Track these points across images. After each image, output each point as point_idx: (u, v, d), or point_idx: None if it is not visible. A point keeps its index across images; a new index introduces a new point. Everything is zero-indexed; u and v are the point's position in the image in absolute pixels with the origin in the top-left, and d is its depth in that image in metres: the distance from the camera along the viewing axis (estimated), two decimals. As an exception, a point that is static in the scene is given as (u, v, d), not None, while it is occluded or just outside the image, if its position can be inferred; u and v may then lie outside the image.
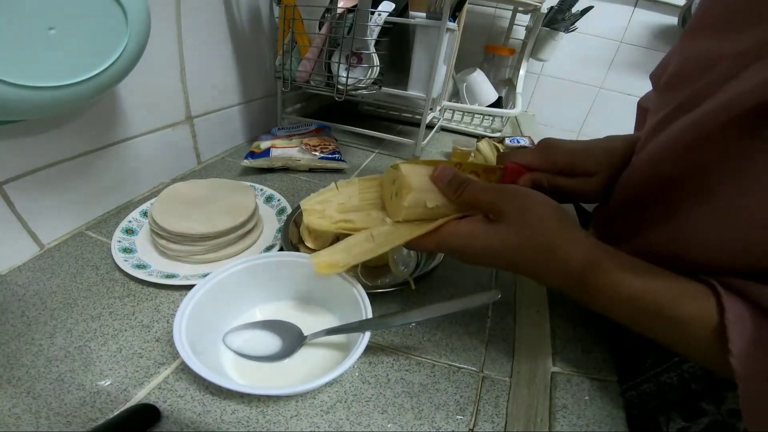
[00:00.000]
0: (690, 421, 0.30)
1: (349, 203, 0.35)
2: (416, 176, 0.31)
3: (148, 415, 0.28)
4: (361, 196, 0.36)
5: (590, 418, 0.27)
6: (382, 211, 0.35)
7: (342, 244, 0.33)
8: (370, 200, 0.36)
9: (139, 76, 0.39)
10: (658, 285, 0.25)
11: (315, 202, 0.35)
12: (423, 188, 0.31)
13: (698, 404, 0.30)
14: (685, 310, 0.23)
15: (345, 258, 0.32)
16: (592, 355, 0.32)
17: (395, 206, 0.32)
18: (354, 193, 0.36)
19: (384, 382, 0.33)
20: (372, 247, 0.32)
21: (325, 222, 0.34)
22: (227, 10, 0.60)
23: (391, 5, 0.61)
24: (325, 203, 0.35)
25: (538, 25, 1.04)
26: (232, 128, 0.71)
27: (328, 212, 0.35)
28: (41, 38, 0.28)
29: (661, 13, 1.15)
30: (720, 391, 0.29)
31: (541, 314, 0.37)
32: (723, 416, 0.29)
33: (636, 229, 0.32)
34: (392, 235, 0.32)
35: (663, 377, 0.31)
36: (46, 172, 0.40)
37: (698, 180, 0.26)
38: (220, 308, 0.34)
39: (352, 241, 0.33)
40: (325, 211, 0.35)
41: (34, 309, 0.35)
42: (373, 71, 0.62)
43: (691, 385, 0.30)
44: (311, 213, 0.35)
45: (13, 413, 0.27)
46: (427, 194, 0.31)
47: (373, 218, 0.35)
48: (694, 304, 0.23)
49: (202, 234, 0.41)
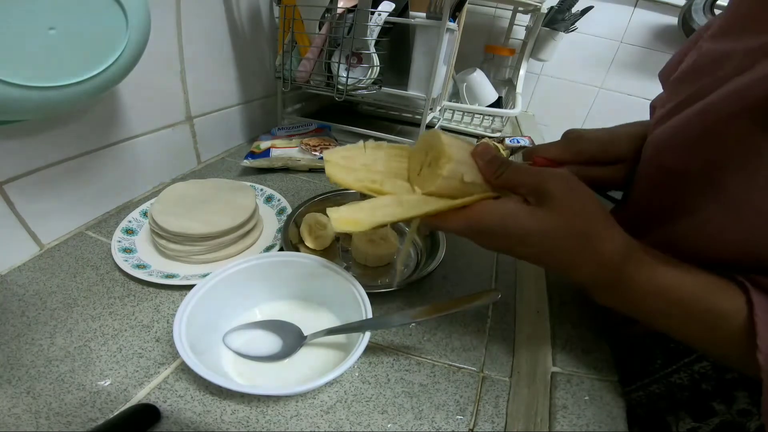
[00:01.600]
0: (700, 421, 0.30)
1: (374, 166, 0.32)
2: (456, 148, 0.29)
3: (148, 415, 0.28)
4: (386, 163, 0.33)
5: (590, 418, 0.27)
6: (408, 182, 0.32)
7: (367, 203, 0.30)
8: (396, 169, 0.33)
9: (139, 76, 0.39)
10: (694, 278, 0.25)
11: (340, 156, 0.32)
12: (462, 161, 0.29)
13: (709, 404, 0.30)
14: (719, 304, 0.23)
15: (369, 217, 0.29)
16: (592, 355, 0.32)
17: (428, 176, 0.30)
18: (381, 157, 0.33)
19: (384, 382, 0.32)
20: (400, 211, 0.29)
21: (349, 177, 0.31)
22: (227, 10, 0.60)
23: (391, 5, 0.61)
24: (349, 159, 0.32)
25: (538, 25, 1.04)
26: (232, 128, 0.71)
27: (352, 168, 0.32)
28: (41, 38, 0.28)
29: (661, 13, 1.15)
30: (731, 391, 0.29)
31: (541, 314, 0.37)
32: (733, 416, 0.28)
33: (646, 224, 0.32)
34: (422, 203, 0.29)
35: (673, 378, 0.31)
36: (46, 172, 0.40)
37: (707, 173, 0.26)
38: (220, 308, 0.34)
39: (378, 203, 0.30)
40: (349, 167, 0.32)
41: (34, 309, 0.35)
42: (373, 71, 0.62)
43: (701, 385, 0.30)
44: (334, 166, 0.31)
45: (13, 413, 0.27)
46: (466, 167, 0.29)
47: (399, 186, 0.32)
48: (725, 297, 0.23)
49: (202, 234, 0.41)
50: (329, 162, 0.31)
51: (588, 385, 0.30)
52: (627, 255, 0.26)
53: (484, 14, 1.25)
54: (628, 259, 0.26)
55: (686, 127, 0.27)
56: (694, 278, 0.25)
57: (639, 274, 0.25)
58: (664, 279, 0.25)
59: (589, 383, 0.30)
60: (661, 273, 0.25)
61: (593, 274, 0.27)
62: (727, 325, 0.23)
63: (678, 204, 0.28)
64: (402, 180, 0.32)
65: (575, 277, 0.28)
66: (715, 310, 0.23)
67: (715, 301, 0.23)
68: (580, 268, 0.27)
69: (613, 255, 0.26)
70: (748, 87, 0.23)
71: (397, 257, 0.39)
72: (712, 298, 0.24)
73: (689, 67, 0.33)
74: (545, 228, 0.26)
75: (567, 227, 0.26)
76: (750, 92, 0.23)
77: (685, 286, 0.24)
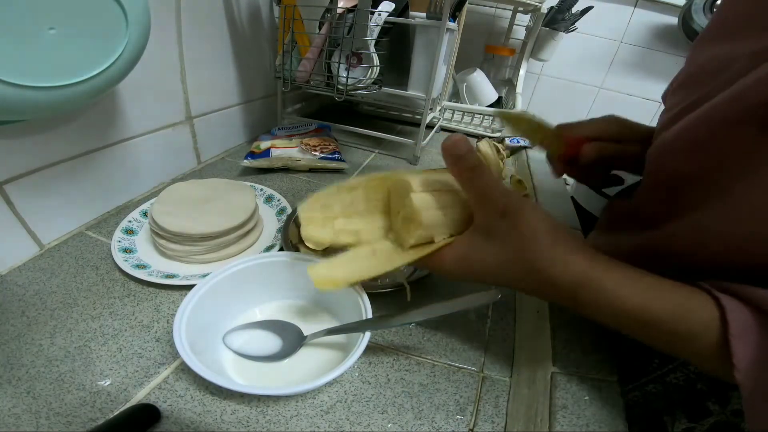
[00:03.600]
0: (695, 421, 0.30)
1: (354, 206, 0.33)
2: (427, 209, 0.29)
3: (148, 415, 0.28)
4: (365, 199, 0.33)
5: (590, 418, 0.27)
6: (387, 217, 0.33)
7: (343, 258, 0.31)
8: (377, 200, 0.33)
9: (139, 76, 0.39)
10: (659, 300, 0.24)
11: (315, 207, 0.33)
12: (433, 224, 0.29)
13: (704, 404, 0.30)
14: (687, 325, 0.23)
15: (345, 275, 0.31)
16: (592, 355, 0.32)
17: (402, 231, 0.31)
18: (359, 196, 0.33)
19: (384, 382, 0.32)
20: (375, 264, 0.31)
21: (325, 233, 0.32)
22: (227, 10, 0.60)
23: (391, 5, 0.61)
24: (326, 209, 0.33)
25: (538, 25, 1.04)
26: (232, 128, 0.71)
27: (330, 218, 0.33)
28: (41, 38, 0.28)
29: (661, 13, 1.15)
30: (726, 392, 0.29)
31: (541, 314, 0.37)
32: (728, 416, 0.28)
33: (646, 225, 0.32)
34: (395, 254, 0.31)
35: (669, 377, 0.31)
36: (46, 172, 0.40)
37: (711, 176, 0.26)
38: (220, 308, 0.34)
39: (353, 256, 0.32)
40: (327, 218, 0.33)
41: (34, 309, 0.35)
42: (373, 71, 0.62)
43: (696, 385, 0.30)
44: (310, 221, 0.32)
45: (13, 413, 0.27)
46: (438, 229, 0.29)
47: (377, 227, 0.33)
48: (696, 317, 0.23)
49: (202, 234, 0.41)
50: (305, 218, 0.32)
51: (588, 385, 0.30)
52: (582, 283, 0.25)
53: (484, 14, 1.25)
54: (584, 285, 0.25)
55: (691, 130, 0.27)
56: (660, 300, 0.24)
57: (598, 300, 0.25)
58: (629, 303, 0.24)
59: (589, 383, 0.30)
60: (622, 297, 0.24)
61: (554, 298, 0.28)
62: (699, 345, 0.23)
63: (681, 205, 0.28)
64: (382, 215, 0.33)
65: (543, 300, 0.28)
66: (684, 332, 0.23)
67: (685, 322, 0.23)
68: (540, 293, 0.28)
69: (565, 284, 0.26)
70: (750, 89, 0.23)
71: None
72: (680, 320, 0.23)
73: (688, 77, 0.33)
74: (499, 260, 0.27)
75: (515, 259, 0.27)
76: (752, 95, 0.22)
77: (652, 310, 0.24)
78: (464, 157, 0.27)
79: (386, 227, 0.33)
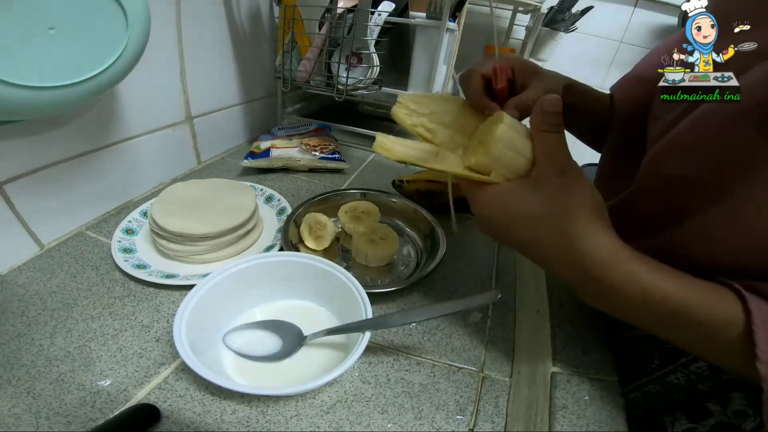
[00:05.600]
0: (696, 422, 0.30)
1: (441, 117, 0.34)
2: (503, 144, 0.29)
3: (148, 415, 0.28)
4: (456, 115, 0.35)
5: (590, 418, 0.27)
6: (466, 139, 0.34)
7: (411, 141, 0.33)
8: (464, 123, 0.35)
9: (139, 76, 0.39)
10: (688, 288, 0.24)
11: (411, 99, 0.34)
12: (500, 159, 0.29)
13: (704, 405, 0.30)
14: (713, 314, 0.23)
15: (402, 151, 0.32)
16: (592, 355, 0.32)
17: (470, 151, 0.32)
18: (451, 109, 0.35)
19: (384, 382, 0.33)
20: (431, 160, 0.32)
21: (409, 120, 0.34)
22: (227, 10, 0.60)
23: (391, 5, 0.61)
24: (420, 105, 0.34)
25: (538, 25, 1.04)
26: (232, 128, 0.71)
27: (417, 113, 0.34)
28: (41, 38, 0.28)
29: (661, 13, 1.15)
30: (726, 392, 0.29)
31: (541, 314, 0.37)
32: (729, 417, 0.28)
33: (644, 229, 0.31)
34: (453, 164, 0.32)
35: (670, 378, 0.31)
36: (46, 172, 0.40)
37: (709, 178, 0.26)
38: (220, 308, 0.34)
39: (419, 145, 0.33)
40: (415, 111, 0.34)
41: (34, 309, 0.35)
42: (373, 71, 0.62)
43: (697, 386, 0.30)
44: (402, 105, 0.34)
45: (13, 413, 0.27)
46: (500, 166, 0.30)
47: (453, 141, 0.34)
48: (721, 307, 0.23)
49: (202, 234, 0.41)
50: (400, 102, 0.34)
51: (588, 385, 0.30)
52: (612, 262, 0.25)
53: (484, 14, 1.25)
54: (614, 266, 0.25)
55: (687, 133, 0.27)
56: (688, 288, 0.24)
57: (627, 282, 0.24)
58: (655, 290, 0.24)
59: (589, 383, 0.30)
60: (651, 284, 0.24)
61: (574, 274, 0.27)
62: (725, 335, 0.22)
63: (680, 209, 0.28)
64: (462, 136, 0.34)
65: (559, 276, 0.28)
66: (711, 321, 0.23)
67: (711, 312, 0.23)
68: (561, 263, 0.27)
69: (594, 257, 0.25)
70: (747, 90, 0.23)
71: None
72: (707, 309, 0.23)
73: None
74: (535, 213, 0.27)
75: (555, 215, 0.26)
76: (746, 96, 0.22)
77: (678, 298, 0.23)
78: (552, 114, 0.28)
79: (460, 146, 0.34)
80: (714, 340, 0.23)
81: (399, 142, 0.32)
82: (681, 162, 0.28)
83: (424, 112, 0.34)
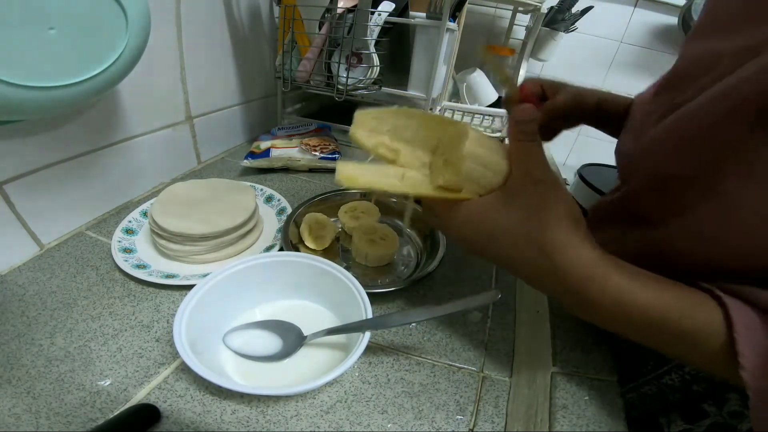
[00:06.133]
0: (691, 423, 0.30)
1: (402, 132, 0.33)
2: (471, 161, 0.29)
3: (148, 415, 0.28)
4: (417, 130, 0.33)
5: (590, 418, 0.27)
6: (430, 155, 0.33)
7: (373, 167, 0.31)
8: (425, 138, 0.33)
9: (139, 76, 0.39)
10: (667, 297, 0.23)
11: (370, 116, 0.33)
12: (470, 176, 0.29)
13: (700, 406, 0.30)
14: (693, 324, 0.23)
15: (368, 179, 0.30)
16: (592, 355, 0.32)
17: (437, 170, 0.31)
18: (412, 125, 0.33)
19: (384, 382, 0.33)
20: (397, 185, 0.30)
21: (368, 141, 0.32)
22: (227, 10, 0.60)
23: (391, 5, 0.61)
24: (379, 121, 0.33)
25: (538, 25, 1.04)
26: (232, 128, 0.71)
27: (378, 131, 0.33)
28: (41, 38, 0.28)
29: (661, 13, 1.15)
30: (722, 393, 0.29)
31: (541, 314, 0.37)
32: (725, 418, 0.28)
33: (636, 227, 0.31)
34: (421, 185, 0.31)
35: (664, 379, 0.31)
36: (46, 172, 0.40)
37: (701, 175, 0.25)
38: (220, 308, 0.34)
39: (383, 170, 0.31)
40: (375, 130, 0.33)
41: (34, 309, 0.35)
42: (373, 71, 0.62)
43: (692, 387, 0.30)
44: (361, 125, 0.33)
45: (13, 413, 0.27)
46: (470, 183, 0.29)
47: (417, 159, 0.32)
48: (700, 317, 0.22)
49: (202, 234, 0.41)
50: (358, 121, 0.33)
51: (588, 385, 0.30)
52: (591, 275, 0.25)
53: (484, 14, 1.25)
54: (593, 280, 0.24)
55: (678, 130, 0.27)
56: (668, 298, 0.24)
57: (606, 294, 0.24)
58: (635, 302, 0.24)
59: (589, 383, 0.30)
60: (630, 296, 0.24)
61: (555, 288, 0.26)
62: (708, 344, 0.22)
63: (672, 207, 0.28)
64: (425, 151, 0.33)
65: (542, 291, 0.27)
66: (693, 331, 0.23)
67: (693, 322, 0.23)
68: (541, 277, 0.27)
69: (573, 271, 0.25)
70: (736, 87, 0.22)
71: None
72: (686, 319, 0.23)
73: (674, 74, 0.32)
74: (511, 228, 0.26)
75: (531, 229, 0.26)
76: (737, 92, 0.22)
77: (658, 309, 0.23)
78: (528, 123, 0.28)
79: (425, 163, 0.33)
80: (698, 349, 0.23)
81: (363, 168, 0.31)
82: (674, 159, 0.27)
83: (385, 129, 0.33)
